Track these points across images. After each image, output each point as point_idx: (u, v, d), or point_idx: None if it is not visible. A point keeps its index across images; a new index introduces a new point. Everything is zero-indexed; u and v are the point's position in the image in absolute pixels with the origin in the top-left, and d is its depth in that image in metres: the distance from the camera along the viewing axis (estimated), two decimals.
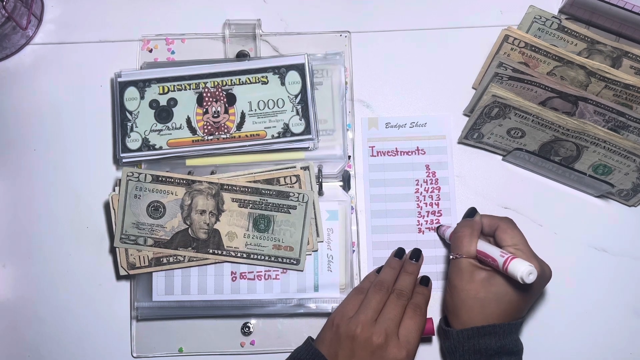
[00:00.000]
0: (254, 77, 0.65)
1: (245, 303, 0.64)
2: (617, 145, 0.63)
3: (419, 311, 0.58)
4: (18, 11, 0.68)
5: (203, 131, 0.64)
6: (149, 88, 0.65)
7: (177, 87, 0.65)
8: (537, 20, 0.67)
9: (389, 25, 0.71)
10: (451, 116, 0.69)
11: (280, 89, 0.65)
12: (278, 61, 0.65)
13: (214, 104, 0.65)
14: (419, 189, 0.68)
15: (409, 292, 0.59)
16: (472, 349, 0.56)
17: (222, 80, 0.65)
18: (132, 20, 0.71)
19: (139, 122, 0.65)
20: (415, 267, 0.62)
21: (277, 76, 0.65)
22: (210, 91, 0.65)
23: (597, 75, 0.65)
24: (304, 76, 0.65)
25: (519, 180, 0.68)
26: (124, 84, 0.65)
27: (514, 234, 0.58)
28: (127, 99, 0.65)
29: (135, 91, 0.65)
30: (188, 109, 0.65)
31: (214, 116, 0.65)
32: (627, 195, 0.67)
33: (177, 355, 0.65)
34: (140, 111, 0.65)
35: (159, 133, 0.65)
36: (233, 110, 0.65)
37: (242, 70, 0.65)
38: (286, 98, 0.65)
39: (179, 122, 0.65)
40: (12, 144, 0.69)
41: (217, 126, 0.64)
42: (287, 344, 0.65)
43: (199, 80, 0.65)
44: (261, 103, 0.65)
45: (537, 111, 0.63)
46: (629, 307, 0.66)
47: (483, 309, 0.56)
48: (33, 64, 0.71)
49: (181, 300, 0.64)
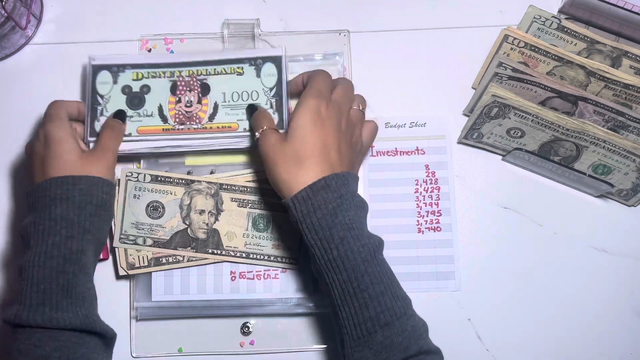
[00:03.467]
0: (230, 68, 0.64)
1: (244, 303, 0.64)
2: (617, 145, 0.63)
3: None
4: (17, 11, 0.68)
5: (174, 120, 0.63)
6: (123, 73, 0.64)
7: (152, 75, 0.64)
8: (536, 20, 0.67)
9: (389, 25, 0.71)
10: (451, 116, 0.69)
11: (255, 80, 0.64)
12: (255, 52, 0.65)
13: (187, 93, 0.64)
14: (419, 188, 0.68)
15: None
16: (311, 210, 0.53)
17: (198, 70, 0.64)
18: (131, 20, 0.71)
19: (109, 106, 0.64)
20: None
21: (253, 67, 0.64)
22: (185, 80, 0.64)
23: (596, 75, 0.65)
24: (280, 69, 0.63)
25: (518, 180, 0.68)
26: (97, 67, 0.64)
27: (309, 75, 0.61)
28: (100, 83, 0.64)
29: (108, 75, 0.64)
30: (161, 97, 0.64)
31: (187, 105, 0.64)
32: (627, 195, 0.67)
33: (177, 355, 0.65)
34: (112, 96, 0.64)
35: (130, 119, 0.64)
36: (206, 100, 0.64)
37: (218, 60, 0.64)
38: (261, 90, 0.63)
39: (150, 109, 0.64)
40: (11, 144, 0.69)
41: (189, 116, 0.63)
42: (286, 344, 0.65)
43: (174, 69, 0.64)
44: (235, 94, 0.64)
45: (537, 111, 0.63)
46: (629, 307, 0.66)
47: (298, 160, 0.55)
48: (32, 63, 0.71)
49: (181, 300, 0.64)
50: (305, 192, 0.53)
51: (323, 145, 0.55)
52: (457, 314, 0.66)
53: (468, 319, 0.66)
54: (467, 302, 0.66)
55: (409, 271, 0.66)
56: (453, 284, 0.66)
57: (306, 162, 0.55)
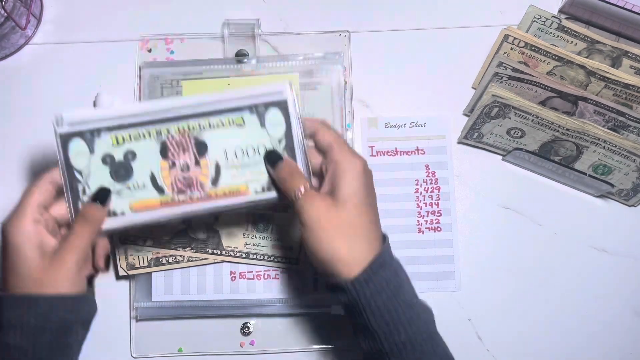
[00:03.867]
0: (228, 119, 0.53)
1: (244, 303, 0.64)
2: (617, 145, 0.63)
3: None
4: (17, 11, 0.68)
5: (171, 189, 0.53)
6: (99, 139, 0.52)
7: (134, 136, 0.53)
8: (536, 20, 0.67)
9: (389, 25, 0.71)
10: (451, 116, 0.69)
11: (260, 131, 0.53)
12: (254, 97, 0.53)
13: (181, 156, 0.53)
14: (419, 188, 0.68)
15: None
16: (375, 293, 0.48)
17: (189, 125, 0.53)
18: (131, 20, 0.71)
19: (91, 182, 0.52)
20: None
21: (255, 116, 0.53)
22: (176, 139, 0.53)
23: (597, 75, 0.65)
24: (287, 114, 0.53)
25: (518, 180, 0.68)
26: (66, 135, 0.52)
27: (329, 133, 0.52)
28: (74, 155, 0.52)
29: (82, 144, 0.52)
30: (151, 163, 0.53)
31: (183, 170, 0.53)
32: (627, 195, 0.67)
33: (177, 355, 0.65)
34: (91, 169, 0.52)
35: (118, 195, 0.53)
36: (205, 161, 0.53)
37: (212, 110, 0.53)
38: (268, 143, 0.53)
39: (141, 180, 0.53)
40: (11, 144, 0.69)
41: (188, 182, 0.53)
42: (286, 344, 0.65)
43: (160, 126, 0.53)
44: (239, 151, 0.53)
45: (537, 111, 0.63)
46: (629, 307, 0.66)
47: (356, 232, 0.49)
48: (32, 63, 0.71)
49: (181, 300, 0.64)
50: (366, 273, 0.48)
51: (375, 213, 0.51)
52: (457, 314, 0.66)
53: (468, 319, 0.66)
54: (467, 302, 0.66)
55: (409, 271, 0.65)
56: (453, 284, 0.66)
57: (362, 234, 0.49)
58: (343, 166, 0.50)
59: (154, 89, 0.68)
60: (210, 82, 0.68)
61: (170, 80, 0.68)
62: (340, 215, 0.49)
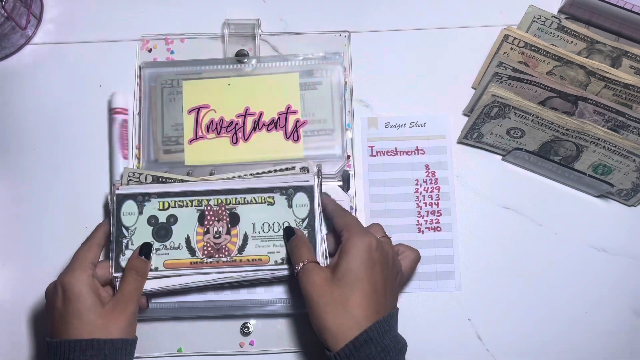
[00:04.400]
0: (260, 197, 0.61)
1: (244, 303, 0.64)
2: (617, 145, 0.63)
3: None
4: (17, 11, 0.68)
5: (202, 253, 0.60)
6: (149, 203, 0.61)
7: (179, 204, 0.61)
8: (536, 20, 0.67)
9: (389, 25, 0.71)
10: (451, 116, 0.69)
11: (287, 211, 0.61)
12: (286, 180, 0.61)
13: (215, 224, 0.61)
14: (419, 188, 0.68)
15: None
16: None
17: (227, 199, 0.61)
18: (131, 20, 0.71)
19: (135, 239, 0.60)
20: None
21: (285, 197, 0.61)
22: (213, 209, 0.61)
23: (596, 75, 0.65)
24: (312, 199, 0.61)
25: (518, 180, 0.68)
26: (122, 196, 0.61)
27: (344, 218, 0.58)
28: (125, 214, 0.60)
29: (133, 205, 0.61)
30: (188, 227, 0.61)
31: (215, 237, 0.60)
32: (627, 195, 0.67)
33: (177, 355, 0.65)
34: (137, 227, 0.60)
35: (156, 252, 0.60)
36: (236, 231, 0.60)
37: (248, 189, 0.61)
38: (292, 221, 0.60)
39: (177, 241, 0.60)
40: (11, 144, 0.69)
41: (218, 248, 0.60)
42: (286, 344, 0.65)
43: (202, 197, 0.61)
44: (266, 225, 0.61)
45: (537, 111, 0.63)
46: (628, 307, 0.66)
47: (345, 308, 0.52)
48: (32, 63, 0.71)
49: (181, 301, 0.64)
50: (348, 349, 0.51)
51: (373, 291, 0.53)
52: (457, 314, 0.66)
53: (468, 319, 0.65)
54: (467, 302, 0.66)
55: None
56: (453, 284, 0.66)
57: (354, 309, 0.52)
58: (350, 243, 0.54)
59: (154, 89, 0.68)
60: (210, 82, 0.68)
61: (170, 80, 0.68)
62: (333, 291, 0.53)
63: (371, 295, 0.53)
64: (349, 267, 0.53)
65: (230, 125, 0.67)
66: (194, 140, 0.67)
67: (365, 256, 0.53)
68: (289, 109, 0.67)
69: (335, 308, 0.52)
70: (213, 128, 0.67)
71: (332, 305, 0.52)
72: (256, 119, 0.67)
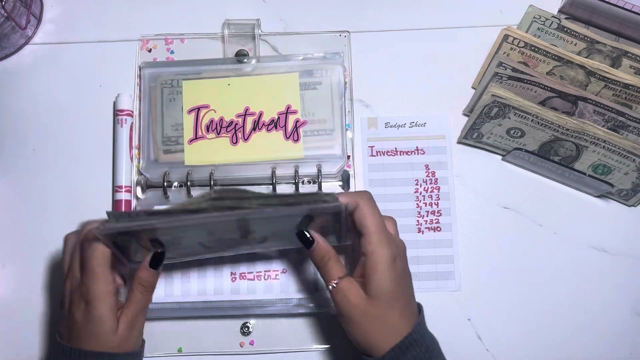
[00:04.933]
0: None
1: (245, 303, 0.64)
2: (617, 145, 0.63)
3: None
4: (17, 11, 0.68)
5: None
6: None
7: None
8: (536, 20, 0.67)
9: (389, 25, 0.71)
10: (451, 116, 0.69)
11: None
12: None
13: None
14: (419, 188, 0.68)
15: None
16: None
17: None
18: (131, 20, 0.71)
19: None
20: None
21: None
22: None
23: (596, 75, 0.65)
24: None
25: (518, 180, 0.68)
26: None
27: (365, 216, 0.54)
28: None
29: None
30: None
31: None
32: (627, 195, 0.67)
33: (177, 355, 0.65)
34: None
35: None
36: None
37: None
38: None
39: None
40: (11, 144, 0.69)
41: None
42: (286, 344, 0.65)
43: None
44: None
45: (537, 111, 0.63)
46: (628, 307, 0.66)
47: (384, 324, 0.53)
48: (32, 63, 0.71)
49: (181, 301, 0.64)
50: (394, 352, 0.52)
51: (407, 303, 0.54)
52: (457, 314, 0.66)
53: (468, 319, 0.66)
54: (467, 302, 0.66)
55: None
56: (453, 284, 0.66)
57: (393, 322, 0.53)
58: (374, 258, 0.53)
59: (154, 89, 0.68)
60: (210, 82, 0.68)
61: (170, 80, 0.68)
62: (371, 310, 0.53)
63: (405, 307, 0.54)
64: (381, 287, 0.53)
65: (230, 125, 0.67)
66: (193, 140, 0.67)
67: (393, 273, 0.53)
68: (288, 109, 0.67)
69: (375, 325, 0.53)
70: (213, 128, 0.67)
71: (373, 323, 0.53)
72: (256, 119, 0.67)
